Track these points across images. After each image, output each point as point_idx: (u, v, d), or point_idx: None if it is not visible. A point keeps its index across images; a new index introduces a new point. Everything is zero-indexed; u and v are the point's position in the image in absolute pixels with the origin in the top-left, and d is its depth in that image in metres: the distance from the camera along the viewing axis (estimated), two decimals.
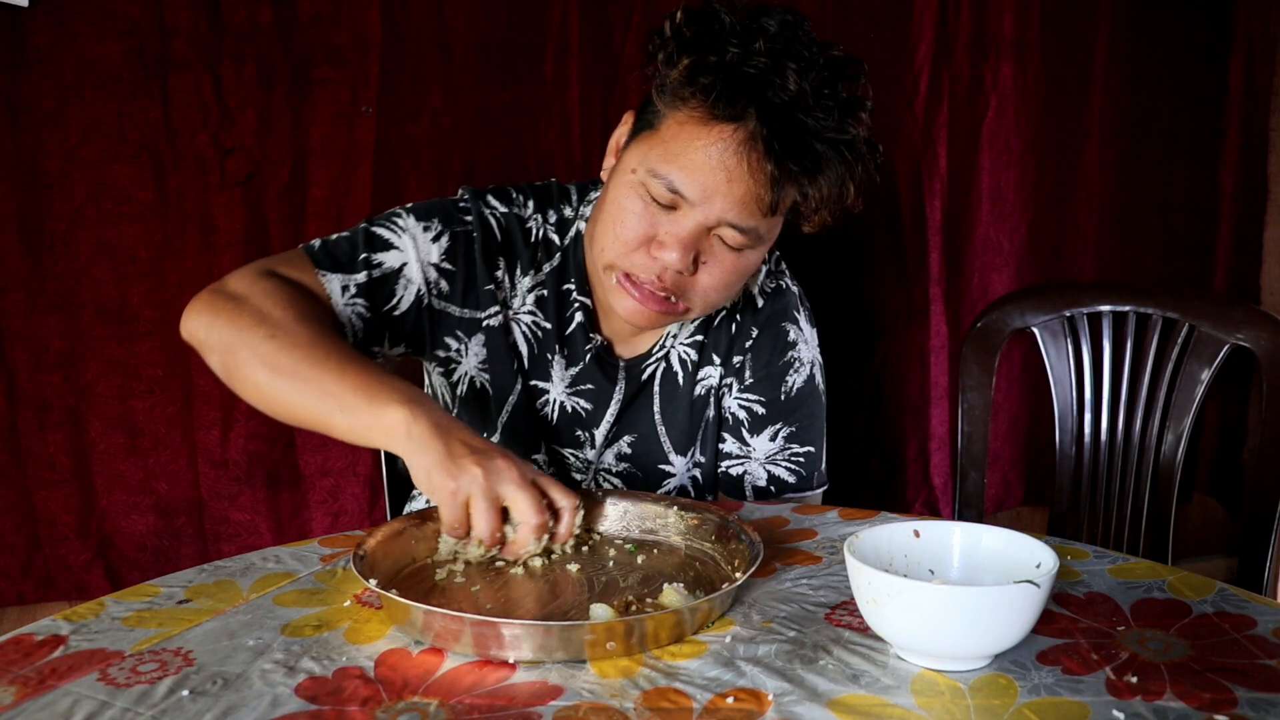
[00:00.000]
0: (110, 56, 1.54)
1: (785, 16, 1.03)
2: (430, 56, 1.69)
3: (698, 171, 1.02)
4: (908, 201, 1.98)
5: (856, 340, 2.01)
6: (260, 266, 1.06)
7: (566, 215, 1.21)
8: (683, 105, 1.03)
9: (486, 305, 1.17)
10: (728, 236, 1.06)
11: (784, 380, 1.22)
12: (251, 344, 0.96)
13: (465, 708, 0.67)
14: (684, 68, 1.01)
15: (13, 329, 1.56)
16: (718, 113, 1.01)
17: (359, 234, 1.12)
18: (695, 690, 0.69)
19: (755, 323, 1.23)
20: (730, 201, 1.03)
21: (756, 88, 1.00)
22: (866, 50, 1.90)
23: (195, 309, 1.02)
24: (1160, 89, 2.12)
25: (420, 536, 0.95)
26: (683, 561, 0.95)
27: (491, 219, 1.17)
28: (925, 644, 0.72)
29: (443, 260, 1.14)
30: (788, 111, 1.00)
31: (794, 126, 1.01)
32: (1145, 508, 1.54)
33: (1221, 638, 0.77)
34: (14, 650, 0.75)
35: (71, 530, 1.62)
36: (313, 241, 1.11)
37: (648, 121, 1.08)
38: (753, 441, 1.23)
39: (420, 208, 1.16)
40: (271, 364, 0.95)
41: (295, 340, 0.96)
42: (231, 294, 1.01)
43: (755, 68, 1.00)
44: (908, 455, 2.07)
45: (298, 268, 1.07)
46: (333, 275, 1.08)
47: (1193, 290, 1.93)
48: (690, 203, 1.04)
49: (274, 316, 0.98)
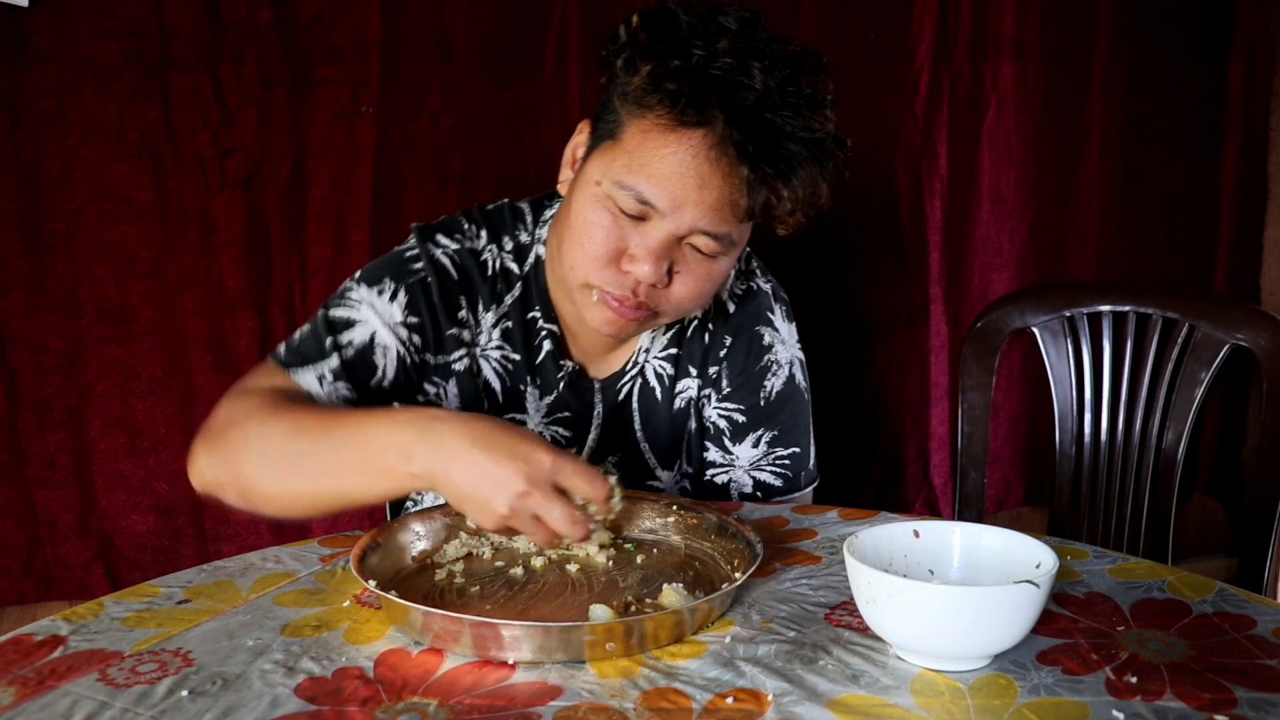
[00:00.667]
0: (110, 56, 1.54)
1: (742, 14, 0.99)
2: (430, 56, 1.69)
3: (667, 180, 0.98)
4: (907, 201, 1.98)
5: (856, 340, 2.01)
6: (233, 392, 1.03)
7: (523, 241, 1.17)
8: (646, 112, 0.99)
9: (452, 349, 1.14)
10: (701, 244, 1.03)
11: (762, 385, 1.20)
12: (247, 466, 0.94)
13: (465, 708, 0.67)
14: (647, 74, 0.97)
15: (13, 329, 1.56)
16: (685, 118, 0.97)
17: (318, 323, 1.08)
18: (695, 690, 0.69)
19: (728, 330, 1.21)
20: (703, 209, 1.00)
21: (723, 90, 0.96)
22: (866, 50, 1.91)
23: (192, 459, 0.99)
24: (1160, 89, 2.12)
25: (420, 536, 0.95)
26: (682, 561, 0.95)
27: (444, 259, 1.13)
28: (925, 644, 0.72)
29: (407, 316, 1.10)
30: (756, 112, 0.97)
31: (764, 127, 0.97)
32: (1145, 508, 1.54)
33: (1221, 638, 0.77)
34: (13, 650, 0.75)
35: (71, 530, 1.62)
36: (277, 349, 1.08)
37: (608, 131, 1.03)
38: (735, 450, 1.21)
39: (369, 272, 1.12)
40: (272, 474, 0.93)
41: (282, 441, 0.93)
42: (215, 430, 0.98)
43: (720, 69, 0.96)
44: (908, 455, 2.07)
45: (269, 376, 1.05)
46: (305, 370, 1.05)
47: (1193, 290, 1.93)
48: (660, 213, 1.00)
49: (255, 430, 0.95)
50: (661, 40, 0.98)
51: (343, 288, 1.12)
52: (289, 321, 1.67)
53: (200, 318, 1.63)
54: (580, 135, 1.10)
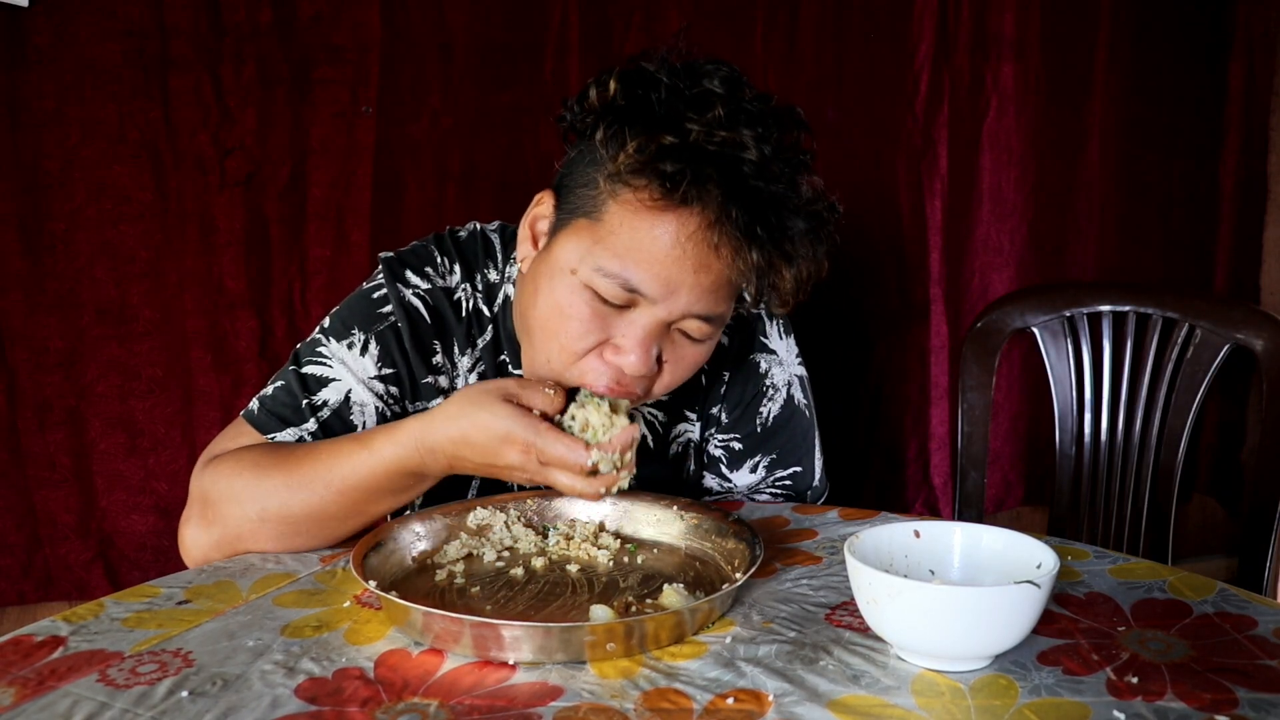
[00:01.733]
0: (110, 56, 1.54)
1: (722, 71, 0.91)
2: (430, 56, 1.69)
3: (658, 265, 0.89)
4: (908, 201, 1.98)
5: (857, 340, 2.01)
6: (206, 456, 1.02)
7: (492, 280, 1.10)
8: (632, 189, 0.89)
9: (430, 397, 1.09)
10: (692, 329, 0.94)
11: (757, 413, 1.17)
12: (248, 537, 0.95)
13: (465, 708, 0.67)
14: (635, 150, 0.87)
15: (13, 329, 1.56)
16: (679, 198, 0.87)
17: (290, 381, 1.04)
18: (695, 691, 0.69)
19: (725, 365, 1.16)
20: (698, 293, 0.91)
21: (720, 164, 0.88)
22: (866, 50, 1.91)
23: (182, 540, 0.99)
24: (1160, 89, 2.12)
25: (421, 537, 0.95)
26: (683, 562, 0.95)
27: (416, 301, 1.07)
28: (926, 644, 0.72)
29: (380, 368, 1.06)
30: (754, 186, 0.89)
31: (762, 202, 0.89)
32: (1145, 508, 1.54)
33: (1222, 638, 0.77)
34: (13, 651, 0.75)
35: (71, 530, 1.62)
36: (250, 406, 1.05)
37: (581, 209, 0.94)
38: (733, 477, 1.19)
39: (336, 322, 1.08)
40: (279, 517, 0.94)
41: (276, 486, 0.94)
42: (202, 505, 0.97)
43: (717, 144, 0.87)
44: (908, 455, 2.07)
45: (242, 438, 1.03)
46: (283, 434, 1.02)
47: (1193, 290, 1.94)
48: (651, 300, 0.91)
49: (249, 496, 0.95)
50: (644, 108, 0.90)
51: (313, 339, 1.08)
52: (289, 321, 1.67)
53: (200, 318, 1.63)
54: (539, 206, 1.00)
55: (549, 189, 1.00)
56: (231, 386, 1.64)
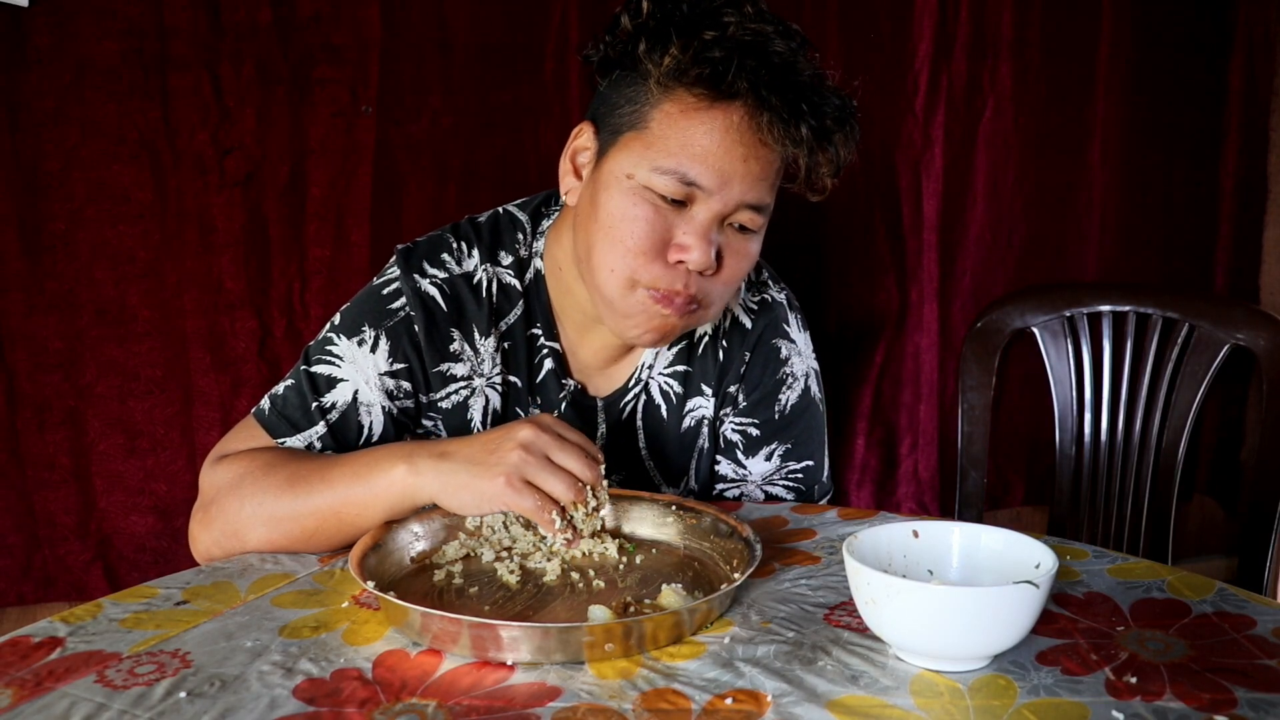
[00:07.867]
0: (110, 56, 1.54)
1: None
2: (430, 56, 1.68)
3: (711, 158, 0.96)
4: (907, 201, 1.98)
5: (852, 339, 2.01)
6: (216, 454, 1.04)
7: (523, 255, 1.13)
8: (675, 93, 0.96)
9: (443, 386, 1.11)
10: (745, 219, 1.00)
11: (777, 399, 1.18)
12: (254, 538, 0.97)
13: (463, 709, 0.67)
14: (681, 49, 0.94)
15: (12, 329, 1.56)
16: (721, 90, 0.95)
17: (301, 380, 1.06)
18: (694, 691, 0.69)
19: (746, 345, 1.18)
20: (750, 181, 0.98)
21: (758, 55, 0.94)
22: (866, 50, 1.91)
23: (192, 538, 1.02)
24: (1160, 89, 2.12)
25: (419, 537, 0.95)
26: (681, 562, 0.95)
27: (432, 290, 1.09)
28: (924, 644, 0.72)
29: (391, 364, 1.08)
30: (787, 76, 0.95)
31: (797, 88, 0.96)
32: (1145, 508, 1.54)
33: (1221, 638, 0.77)
34: (11, 652, 0.74)
35: (71, 531, 1.62)
36: (261, 404, 1.07)
37: (627, 123, 1.00)
38: (749, 464, 1.19)
39: (347, 318, 1.09)
40: (274, 526, 0.96)
41: (276, 495, 0.96)
42: (210, 504, 1.00)
43: (750, 33, 0.95)
44: (900, 452, 2.07)
45: (251, 438, 1.05)
46: (293, 440, 1.05)
47: (1193, 290, 1.94)
48: (707, 191, 0.97)
49: (252, 497, 0.97)
50: (678, 14, 0.96)
51: (324, 337, 1.09)
52: (289, 321, 1.67)
53: (200, 318, 1.63)
54: (580, 139, 1.06)
55: (586, 120, 1.06)
56: (231, 387, 1.64)
